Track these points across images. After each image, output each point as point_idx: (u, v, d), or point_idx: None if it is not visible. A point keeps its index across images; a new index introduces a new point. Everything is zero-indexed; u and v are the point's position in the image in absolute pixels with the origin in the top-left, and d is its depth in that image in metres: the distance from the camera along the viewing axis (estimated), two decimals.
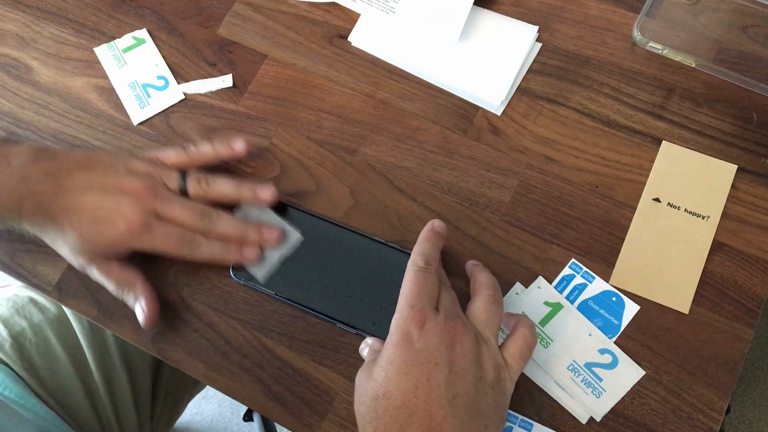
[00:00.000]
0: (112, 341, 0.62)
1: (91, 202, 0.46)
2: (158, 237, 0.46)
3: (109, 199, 0.46)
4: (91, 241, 0.46)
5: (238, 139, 0.52)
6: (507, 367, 0.42)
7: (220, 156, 0.51)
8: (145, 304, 0.47)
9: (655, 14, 0.55)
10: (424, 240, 0.46)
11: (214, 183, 0.49)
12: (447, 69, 0.55)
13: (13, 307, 0.61)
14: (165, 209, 0.47)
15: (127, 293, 0.48)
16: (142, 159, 0.50)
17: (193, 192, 0.49)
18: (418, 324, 0.41)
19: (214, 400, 1.24)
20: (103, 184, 0.47)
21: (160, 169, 0.49)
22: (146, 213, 0.46)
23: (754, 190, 0.50)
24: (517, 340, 0.43)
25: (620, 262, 0.49)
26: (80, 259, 0.47)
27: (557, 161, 0.52)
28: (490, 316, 0.43)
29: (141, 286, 0.48)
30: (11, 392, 0.56)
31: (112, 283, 0.48)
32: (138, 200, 0.46)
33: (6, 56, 0.59)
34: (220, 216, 0.48)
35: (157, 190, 0.47)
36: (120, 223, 0.46)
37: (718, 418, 0.45)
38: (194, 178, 0.49)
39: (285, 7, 0.59)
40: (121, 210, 0.46)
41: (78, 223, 0.46)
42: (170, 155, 0.50)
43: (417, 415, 0.38)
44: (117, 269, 0.48)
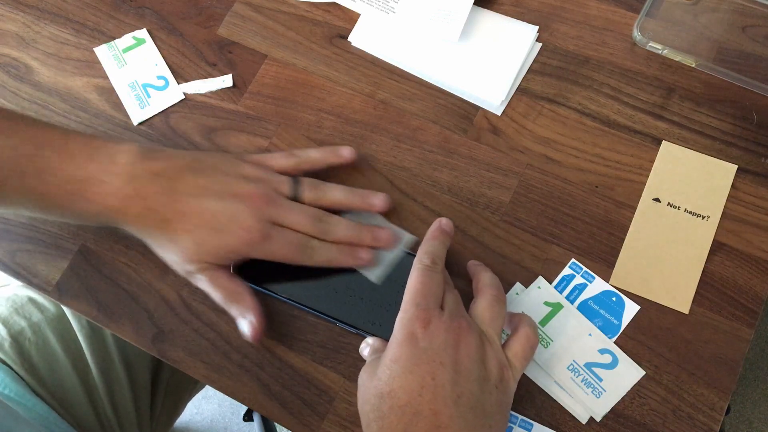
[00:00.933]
0: (111, 341, 0.62)
1: (208, 208, 0.45)
2: (276, 245, 0.45)
3: (226, 205, 0.45)
4: (207, 249, 0.45)
5: (345, 147, 0.51)
6: (510, 366, 0.42)
7: (328, 162, 0.51)
8: (255, 319, 0.46)
9: (655, 14, 0.55)
10: (431, 238, 0.46)
11: (327, 190, 0.49)
12: (447, 69, 0.55)
13: (12, 307, 0.61)
14: (281, 216, 0.46)
15: (235, 305, 0.46)
16: (250, 163, 0.48)
17: (307, 198, 0.48)
18: (423, 323, 0.41)
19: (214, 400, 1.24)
20: (217, 189, 0.45)
21: (271, 174, 0.48)
22: (264, 221, 0.45)
23: (754, 190, 0.50)
24: (520, 339, 0.43)
25: (620, 262, 0.49)
26: (190, 267, 0.46)
27: (557, 161, 0.52)
28: (494, 315, 0.43)
29: (249, 299, 0.46)
30: (11, 391, 0.56)
31: (221, 294, 0.46)
32: (255, 207, 0.45)
33: (6, 56, 0.59)
34: (334, 220, 0.47)
35: (272, 197, 0.46)
36: (239, 232, 0.44)
37: (718, 418, 0.45)
38: (308, 184, 0.48)
39: (285, 7, 0.59)
40: (239, 218, 0.45)
41: (194, 229, 0.44)
42: (277, 159, 0.49)
43: (422, 414, 0.38)
44: (226, 280, 0.46)
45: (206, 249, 0.45)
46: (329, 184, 0.49)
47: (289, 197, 0.47)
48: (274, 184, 0.47)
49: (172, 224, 0.45)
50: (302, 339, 0.49)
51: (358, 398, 0.42)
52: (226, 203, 0.45)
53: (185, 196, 0.45)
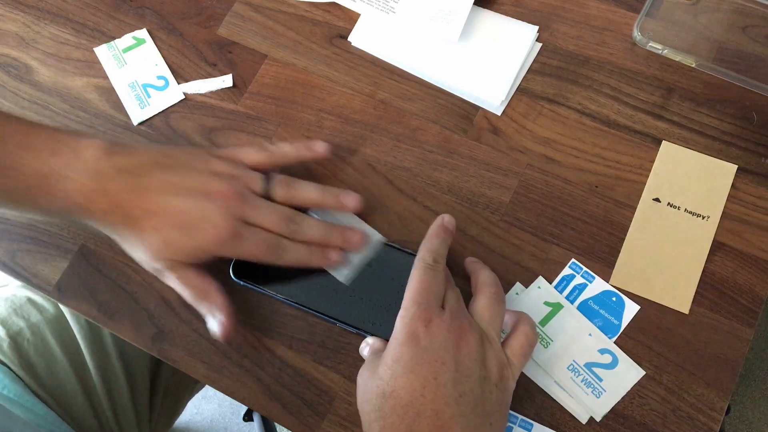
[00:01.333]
0: (110, 341, 0.62)
1: (177, 206, 0.44)
2: (246, 244, 0.44)
3: (196, 203, 0.44)
4: (175, 247, 0.44)
5: (318, 141, 0.51)
6: (510, 365, 0.42)
7: (301, 157, 0.50)
8: (223, 317, 0.45)
9: (655, 14, 0.55)
10: (433, 236, 0.46)
11: (299, 188, 0.48)
12: (447, 69, 0.55)
13: (11, 307, 0.61)
14: (252, 215, 0.45)
15: (204, 303, 0.46)
16: (221, 158, 0.47)
17: (278, 196, 0.47)
18: (424, 322, 0.41)
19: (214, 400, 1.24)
20: (186, 186, 0.44)
21: (242, 170, 0.47)
22: (234, 219, 0.44)
23: (754, 190, 0.50)
24: (519, 337, 0.43)
25: (620, 262, 0.49)
26: (158, 265, 0.45)
27: (557, 161, 0.52)
28: (494, 314, 0.43)
29: (218, 297, 0.46)
30: (10, 392, 0.56)
31: (190, 292, 0.45)
32: (225, 205, 0.44)
33: (6, 56, 0.59)
34: (305, 220, 0.47)
35: (243, 195, 0.45)
36: (209, 230, 0.44)
37: (718, 418, 0.45)
38: (280, 181, 0.48)
39: (285, 7, 0.59)
40: (209, 216, 0.44)
41: (162, 228, 0.43)
42: (249, 154, 0.49)
43: (424, 413, 0.38)
44: (194, 277, 0.45)
45: (175, 247, 0.44)
46: (302, 182, 0.48)
47: (261, 195, 0.47)
48: (245, 181, 0.46)
49: (140, 222, 0.43)
50: (302, 339, 0.49)
51: (357, 398, 0.42)
52: (196, 201, 0.44)
53: (153, 194, 0.44)
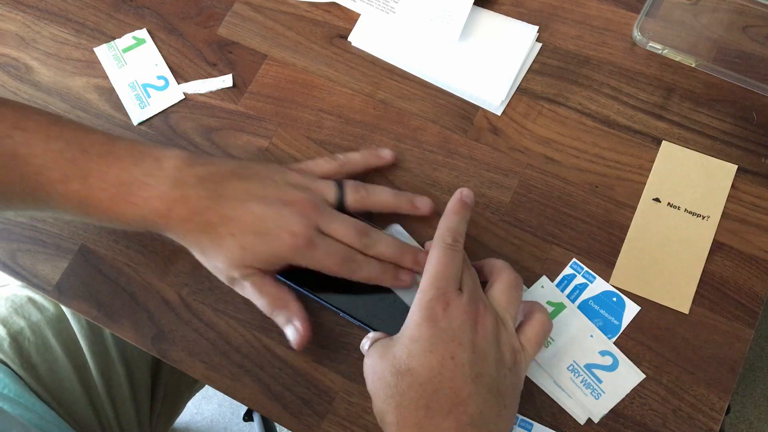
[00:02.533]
0: (110, 340, 0.62)
1: (254, 213, 0.44)
2: (320, 253, 0.44)
3: (273, 210, 0.44)
4: (252, 254, 0.44)
5: (385, 149, 0.51)
6: (523, 351, 0.43)
7: (369, 164, 0.51)
8: (300, 326, 0.45)
9: (655, 14, 0.55)
10: (451, 212, 0.45)
11: (372, 192, 0.48)
12: (447, 69, 0.55)
13: (11, 307, 0.61)
14: (327, 225, 0.45)
15: (280, 312, 0.46)
16: (295, 171, 0.48)
17: (351, 201, 0.47)
18: (442, 305, 0.41)
19: (214, 400, 1.24)
20: (264, 194, 0.45)
21: (316, 181, 0.47)
22: (310, 227, 0.44)
23: (754, 190, 0.50)
24: (534, 324, 0.44)
25: (620, 262, 0.49)
26: (235, 272, 0.45)
27: (557, 161, 0.52)
28: (511, 300, 0.43)
29: (295, 305, 0.46)
30: (10, 391, 0.56)
31: (266, 301, 0.45)
32: (302, 213, 0.44)
33: (6, 56, 0.59)
34: (380, 235, 0.46)
35: (318, 204, 0.45)
36: (285, 237, 0.44)
37: (718, 418, 0.45)
38: (352, 186, 0.48)
39: (285, 7, 0.59)
40: (286, 223, 0.44)
41: (239, 234, 0.44)
42: (319, 165, 0.49)
43: (442, 391, 0.39)
44: (271, 286, 0.46)
45: (251, 253, 0.44)
46: (374, 186, 0.49)
47: (335, 202, 0.47)
48: (319, 191, 0.47)
49: (218, 228, 0.44)
50: None
51: (366, 378, 0.42)
52: (273, 208, 0.44)
53: (231, 200, 0.44)
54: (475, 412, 0.39)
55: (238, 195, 0.44)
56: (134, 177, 0.43)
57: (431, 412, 0.39)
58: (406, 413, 0.39)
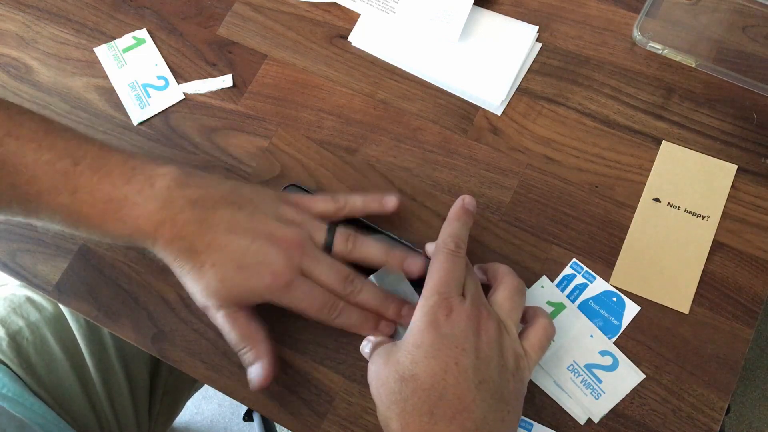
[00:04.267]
0: (109, 340, 0.62)
1: (239, 245, 0.43)
2: (300, 296, 0.44)
3: (258, 245, 0.43)
4: (231, 287, 0.43)
5: (390, 196, 0.49)
6: (526, 356, 0.43)
7: (369, 210, 0.49)
8: (263, 368, 0.45)
9: (655, 14, 0.55)
10: (454, 218, 0.45)
11: (361, 244, 0.47)
12: (447, 69, 0.55)
13: (10, 306, 0.61)
14: (311, 267, 0.44)
15: (248, 350, 0.45)
16: (289, 204, 0.47)
17: (338, 249, 0.46)
18: (445, 311, 0.41)
19: (214, 400, 1.24)
20: (251, 226, 0.44)
21: (309, 219, 0.47)
22: (293, 268, 0.44)
23: (754, 190, 0.50)
24: (537, 330, 0.43)
25: (620, 262, 0.49)
26: (210, 301, 0.44)
27: (557, 161, 0.52)
28: (514, 305, 0.43)
29: (264, 345, 0.45)
30: (9, 391, 0.56)
31: (234, 336, 0.45)
32: (286, 253, 0.44)
33: (6, 56, 0.59)
34: (364, 283, 0.46)
35: (305, 245, 0.45)
36: (266, 275, 0.43)
37: (718, 418, 0.45)
38: (343, 235, 0.47)
39: (285, 7, 0.59)
40: (268, 261, 0.43)
41: (221, 265, 0.43)
42: (317, 203, 0.48)
43: (446, 397, 0.39)
44: (244, 321, 0.45)
45: (229, 287, 0.43)
46: (366, 239, 0.47)
47: (323, 246, 0.46)
48: (309, 231, 0.46)
49: (200, 256, 0.43)
50: (302, 339, 0.49)
51: (370, 384, 0.42)
52: (259, 243, 0.44)
53: (218, 230, 0.44)
54: (478, 417, 0.39)
55: (226, 224, 0.44)
56: (124, 195, 0.43)
57: (435, 418, 0.39)
58: (410, 419, 0.39)
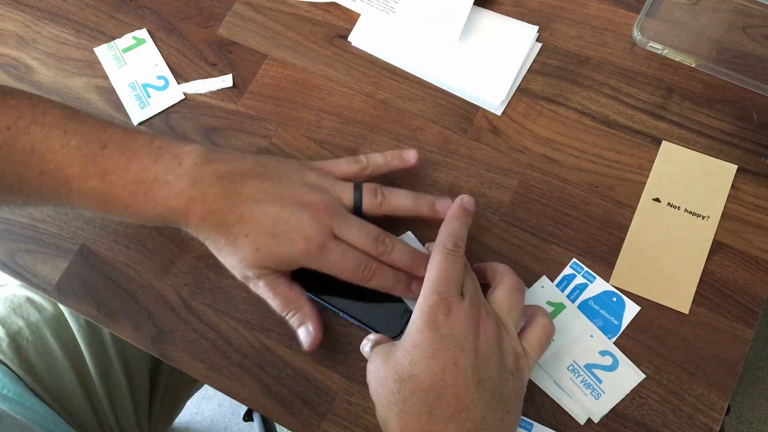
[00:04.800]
0: (109, 340, 0.62)
1: (270, 214, 0.44)
2: (334, 259, 0.44)
3: (288, 212, 0.44)
4: (266, 255, 0.44)
5: (411, 150, 0.50)
6: (526, 355, 0.43)
7: (392, 167, 0.50)
8: (312, 329, 0.45)
9: (655, 14, 0.55)
10: (452, 218, 0.45)
11: (390, 194, 0.47)
12: (447, 69, 0.55)
13: (10, 307, 0.61)
14: (342, 230, 0.45)
15: (293, 314, 0.46)
16: (314, 170, 0.48)
17: (368, 204, 0.47)
18: (444, 311, 0.41)
19: (214, 400, 1.24)
20: (280, 195, 0.45)
21: (334, 182, 0.47)
22: (325, 232, 0.44)
23: (754, 190, 0.50)
24: (536, 328, 0.43)
25: (620, 262, 0.49)
26: (249, 272, 0.45)
27: (557, 161, 0.52)
28: (513, 304, 0.43)
29: (308, 308, 0.46)
30: (9, 391, 0.56)
31: (279, 301, 0.46)
32: (317, 217, 0.44)
33: (6, 56, 0.59)
34: (395, 243, 0.46)
35: (335, 208, 0.45)
36: (299, 240, 0.44)
37: (718, 418, 0.45)
38: (370, 189, 0.47)
39: (285, 7, 0.59)
40: (300, 226, 0.44)
41: (254, 234, 0.44)
42: (340, 165, 0.49)
43: (445, 397, 0.39)
44: (284, 287, 0.46)
45: (264, 254, 0.44)
46: (394, 189, 0.48)
47: (352, 206, 0.47)
48: (337, 193, 0.47)
49: (233, 228, 0.44)
50: None
51: (370, 384, 0.42)
52: (289, 210, 0.44)
53: (247, 201, 0.44)
54: (477, 417, 0.39)
55: (255, 195, 0.44)
56: (153, 174, 0.44)
57: (434, 418, 0.39)
58: (409, 419, 0.39)
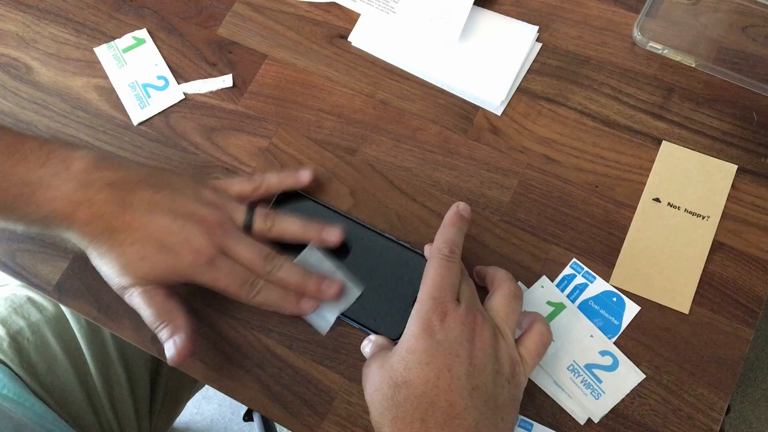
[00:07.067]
0: (110, 340, 0.62)
1: (160, 224, 0.44)
2: (221, 274, 0.44)
3: (179, 224, 0.44)
4: (151, 265, 0.44)
5: (305, 170, 0.51)
6: (522, 362, 0.42)
7: (286, 185, 0.50)
8: (180, 342, 0.44)
9: (655, 14, 0.55)
10: (448, 224, 0.45)
11: (280, 221, 0.48)
12: (447, 69, 0.55)
13: (11, 307, 0.61)
14: (231, 246, 0.45)
15: (164, 327, 0.45)
16: (208, 187, 0.48)
17: (258, 227, 0.47)
18: (439, 316, 0.41)
19: (214, 400, 1.24)
20: (172, 207, 0.45)
21: (227, 200, 0.48)
22: (214, 246, 0.44)
23: (754, 190, 0.50)
24: (533, 336, 0.43)
25: (620, 262, 0.49)
26: (126, 280, 0.44)
27: (557, 161, 0.52)
28: (510, 311, 0.43)
29: (181, 320, 0.45)
30: (9, 391, 0.56)
31: (152, 313, 0.44)
32: (208, 231, 0.44)
33: (6, 56, 0.59)
34: (283, 262, 0.46)
35: (226, 225, 0.46)
36: (187, 253, 0.44)
37: (718, 418, 0.45)
38: (261, 214, 0.48)
39: (285, 7, 0.59)
40: (190, 238, 0.44)
41: (141, 243, 0.43)
42: (235, 184, 0.49)
43: (438, 404, 0.39)
44: (161, 298, 0.45)
45: (149, 264, 0.44)
46: (283, 216, 0.49)
47: (243, 226, 0.47)
48: (229, 211, 0.47)
49: (119, 235, 0.44)
50: (302, 339, 0.49)
51: (365, 388, 0.42)
52: (180, 222, 0.44)
53: (138, 209, 0.44)
54: (471, 425, 0.39)
55: (145, 204, 0.44)
56: (39, 177, 0.43)
57: (426, 425, 0.38)
58: (402, 426, 0.39)
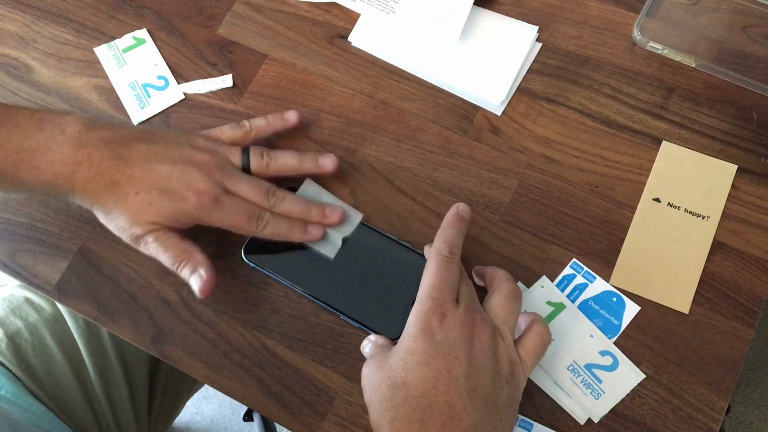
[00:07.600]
0: (108, 340, 0.62)
1: (160, 172, 0.45)
2: (227, 211, 0.46)
3: (179, 170, 0.45)
4: (158, 210, 0.45)
5: (291, 111, 0.52)
6: (521, 363, 0.42)
7: (274, 128, 0.52)
8: (204, 272, 0.46)
9: (655, 14, 0.55)
10: (448, 226, 0.45)
11: (276, 156, 0.50)
12: (447, 69, 0.55)
13: (8, 307, 0.61)
14: (233, 184, 0.47)
15: (185, 264, 0.46)
16: (200, 136, 0.49)
17: (256, 165, 0.49)
18: (438, 317, 0.41)
19: (214, 400, 1.24)
20: (169, 156, 0.46)
21: (222, 145, 0.49)
22: (217, 186, 0.46)
23: (754, 190, 0.50)
24: (532, 337, 0.43)
25: (620, 262, 0.49)
26: (138, 229, 0.45)
27: (557, 161, 0.52)
28: (509, 312, 0.43)
29: (200, 256, 0.46)
30: (7, 392, 0.56)
31: (171, 254, 0.46)
32: (208, 173, 0.46)
33: (6, 56, 0.59)
34: (285, 194, 0.48)
35: (225, 166, 0.47)
36: (191, 196, 0.45)
37: (718, 418, 0.45)
38: (257, 151, 0.49)
39: (285, 7, 0.59)
40: (192, 181, 0.45)
41: (145, 191, 0.45)
42: (225, 132, 0.51)
43: (437, 405, 0.39)
44: (176, 240, 0.46)
45: (157, 210, 0.45)
46: (279, 151, 0.50)
47: (240, 167, 0.48)
48: (225, 154, 0.48)
49: (123, 187, 0.45)
50: (302, 339, 0.49)
51: (364, 389, 0.42)
52: (180, 168, 0.45)
53: (136, 161, 0.45)
54: (469, 426, 0.39)
55: (143, 156, 0.45)
56: (36, 143, 0.44)
57: (425, 426, 0.39)
58: (400, 427, 0.39)
